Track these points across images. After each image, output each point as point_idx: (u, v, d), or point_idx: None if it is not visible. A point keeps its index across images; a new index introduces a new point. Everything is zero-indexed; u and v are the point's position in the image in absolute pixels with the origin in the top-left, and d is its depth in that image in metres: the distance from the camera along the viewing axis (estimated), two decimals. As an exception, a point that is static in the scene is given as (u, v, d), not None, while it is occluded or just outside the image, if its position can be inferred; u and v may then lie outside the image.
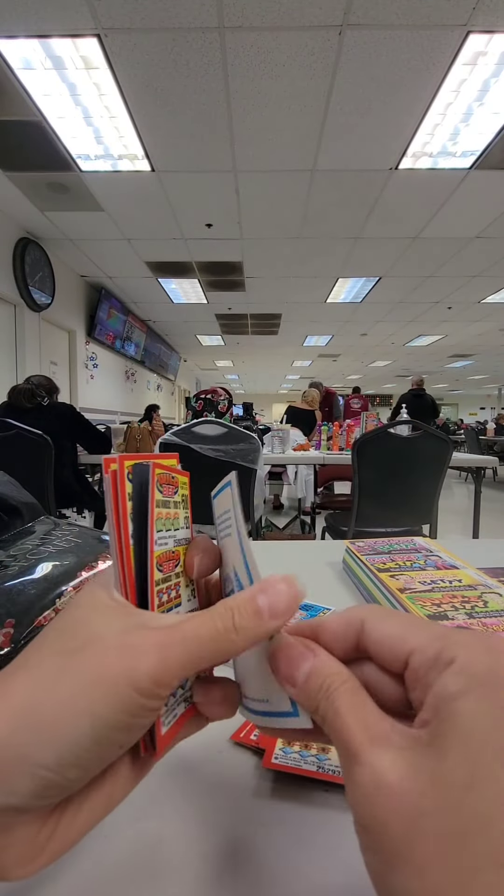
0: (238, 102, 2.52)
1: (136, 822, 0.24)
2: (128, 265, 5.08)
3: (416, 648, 0.16)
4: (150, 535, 0.20)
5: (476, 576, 0.48)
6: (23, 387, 2.50)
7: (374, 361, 11.42)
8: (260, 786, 0.27)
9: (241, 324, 7.68)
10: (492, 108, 2.56)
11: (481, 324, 7.40)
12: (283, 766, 0.27)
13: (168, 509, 0.21)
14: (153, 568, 0.19)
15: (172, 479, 0.22)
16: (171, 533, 0.21)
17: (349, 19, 2.01)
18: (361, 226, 4.03)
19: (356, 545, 0.62)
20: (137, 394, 8.02)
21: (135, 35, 2.08)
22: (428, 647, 0.16)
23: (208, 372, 14.65)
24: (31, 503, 0.58)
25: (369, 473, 1.89)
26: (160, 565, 0.20)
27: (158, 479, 0.20)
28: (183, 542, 0.23)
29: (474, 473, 2.70)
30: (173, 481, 0.22)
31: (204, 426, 1.80)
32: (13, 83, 2.37)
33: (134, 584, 0.19)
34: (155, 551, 0.20)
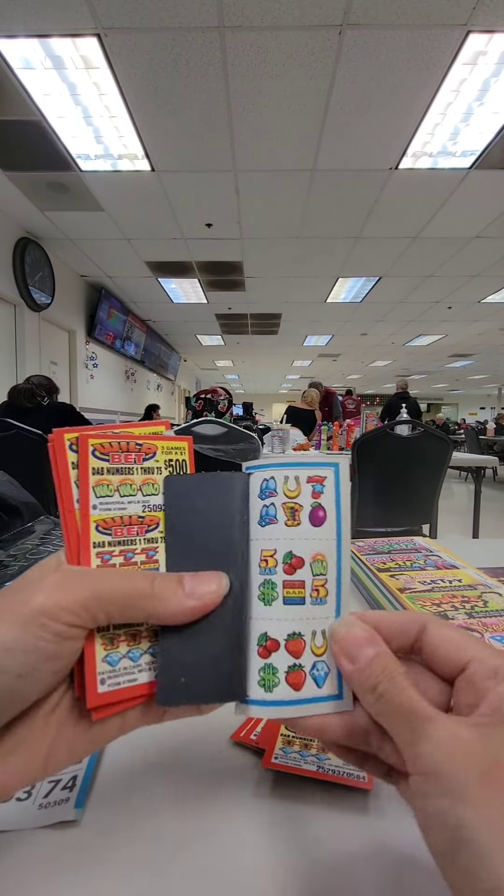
0: (238, 102, 2.52)
1: (136, 822, 0.24)
2: (128, 265, 5.08)
3: (475, 658, 0.19)
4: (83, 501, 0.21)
5: (476, 575, 0.48)
6: (23, 387, 2.50)
7: (374, 361, 11.42)
8: (260, 786, 0.27)
9: (241, 324, 7.68)
10: (492, 108, 2.55)
11: (481, 324, 7.40)
12: (282, 765, 0.27)
13: (126, 476, 0.22)
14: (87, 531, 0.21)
15: (137, 447, 0.22)
16: (135, 498, 0.22)
17: (349, 19, 2.00)
18: (361, 226, 4.03)
19: (356, 545, 0.62)
20: (137, 394, 8.02)
21: (135, 35, 2.08)
22: (488, 660, 0.18)
23: (208, 372, 14.65)
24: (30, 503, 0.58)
25: (369, 473, 1.89)
26: (106, 529, 0.21)
27: (96, 448, 0.21)
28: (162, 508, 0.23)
29: (474, 473, 2.70)
30: (139, 448, 0.22)
31: (204, 426, 1.80)
32: (13, 83, 2.37)
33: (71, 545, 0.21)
34: (93, 515, 0.21)
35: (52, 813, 0.24)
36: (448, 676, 0.19)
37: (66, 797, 0.25)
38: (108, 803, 0.26)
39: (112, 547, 0.21)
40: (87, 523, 0.21)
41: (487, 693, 0.17)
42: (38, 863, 0.22)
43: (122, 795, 0.26)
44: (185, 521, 0.22)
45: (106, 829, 0.24)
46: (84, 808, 0.25)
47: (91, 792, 0.26)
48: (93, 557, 0.21)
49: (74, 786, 0.26)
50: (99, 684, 0.19)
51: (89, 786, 0.26)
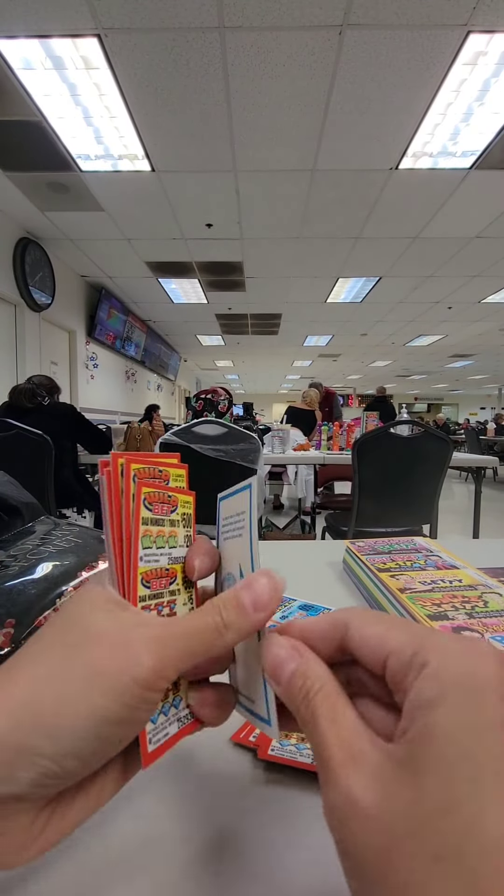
0: (238, 102, 2.52)
1: (135, 820, 0.24)
2: (128, 265, 5.08)
3: (393, 650, 0.16)
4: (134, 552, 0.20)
5: (476, 576, 0.48)
6: (23, 387, 2.50)
7: (375, 361, 11.42)
8: (259, 786, 0.27)
9: (241, 324, 7.68)
10: (492, 108, 2.55)
11: (481, 324, 7.40)
12: (278, 757, 0.28)
13: (161, 527, 0.22)
14: (136, 583, 0.20)
15: (168, 498, 0.22)
16: (164, 551, 0.22)
17: (349, 19, 2.00)
18: (361, 226, 4.03)
19: (356, 545, 0.62)
20: (137, 394, 8.02)
21: (135, 35, 2.08)
22: (404, 649, 0.16)
23: (208, 372, 14.65)
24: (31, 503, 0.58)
25: (369, 473, 1.89)
26: (147, 582, 0.21)
27: (147, 498, 0.21)
28: (181, 561, 0.23)
29: (474, 473, 2.70)
30: (170, 500, 0.22)
31: (204, 426, 1.80)
32: (13, 83, 2.37)
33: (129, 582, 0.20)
34: (140, 567, 0.21)
35: (52, 813, 0.24)
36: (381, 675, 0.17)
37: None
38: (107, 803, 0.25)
39: (150, 601, 0.21)
40: (135, 576, 0.20)
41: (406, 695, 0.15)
42: (38, 863, 0.22)
43: (122, 795, 0.26)
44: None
45: (106, 830, 0.24)
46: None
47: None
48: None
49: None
50: (148, 744, 0.19)
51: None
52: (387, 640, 0.16)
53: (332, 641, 0.18)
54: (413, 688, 0.14)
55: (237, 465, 1.73)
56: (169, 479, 0.23)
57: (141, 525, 0.21)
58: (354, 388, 17.48)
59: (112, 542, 0.21)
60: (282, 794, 0.26)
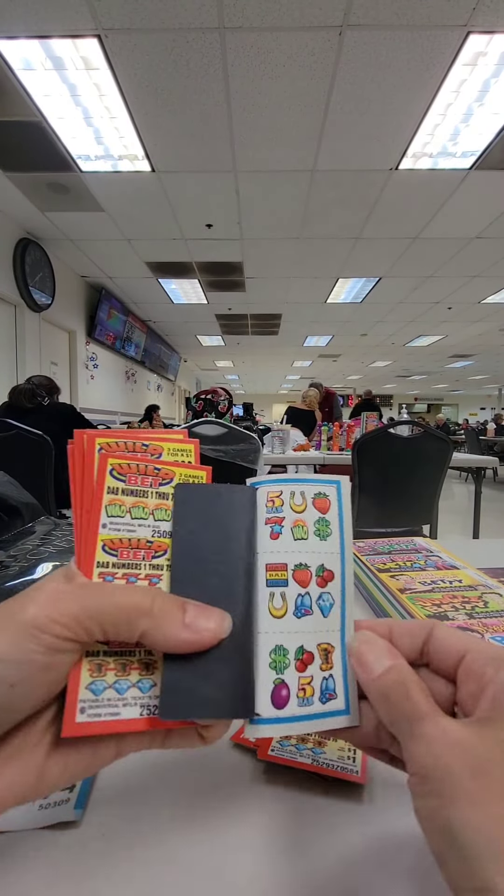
0: (238, 103, 2.52)
1: (136, 822, 0.24)
2: (128, 265, 5.08)
3: (472, 649, 0.20)
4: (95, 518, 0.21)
5: (476, 576, 0.48)
6: (23, 387, 2.50)
7: (375, 362, 11.42)
8: (258, 782, 0.27)
9: (241, 324, 7.68)
10: (492, 109, 2.56)
11: (481, 324, 7.40)
12: (278, 757, 0.28)
13: (141, 498, 0.22)
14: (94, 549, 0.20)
15: (155, 471, 0.22)
16: (148, 522, 0.22)
17: (349, 20, 2.01)
18: (361, 226, 4.03)
19: (356, 545, 0.62)
20: (137, 394, 8.02)
21: (135, 35, 2.08)
22: (484, 650, 0.19)
23: (208, 372, 14.65)
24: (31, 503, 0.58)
25: (369, 474, 1.89)
26: (112, 549, 0.21)
27: (115, 469, 0.22)
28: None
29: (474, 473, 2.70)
30: (157, 473, 0.22)
31: (204, 426, 1.80)
32: (13, 83, 2.37)
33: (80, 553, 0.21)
34: (102, 534, 0.21)
35: (52, 813, 0.24)
36: (450, 672, 0.20)
37: (67, 798, 0.25)
38: (108, 804, 0.26)
39: (115, 569, 0.21)
40: (94, 541, 0.21)
41: (487, 681, 0.18)
42: (38, 864, 0.22)
43: (123, 796, 0.26)
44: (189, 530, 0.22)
45: (106, 830, 0.24)
46: (84, 809, 0.25)
47: (91, 793, 0.26)
48: (94, 576, 0.20)
49: (74, 786, 0.26)
50: (78, 713, 0.18)
51: (90, 787, 0.26)
52: (466, 642, 0.20)
53: (416, 641, 0.21)
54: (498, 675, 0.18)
55: (237, 465, 1.73)
56: (162, 453, 0.23)
57: (106, 494, 0.21)
58: (354, 389, 17.47)
59: (74, 508, 0.21)
60: (281, 793, 0.26)
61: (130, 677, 0.20)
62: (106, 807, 0.25)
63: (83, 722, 0.18)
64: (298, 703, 0.21)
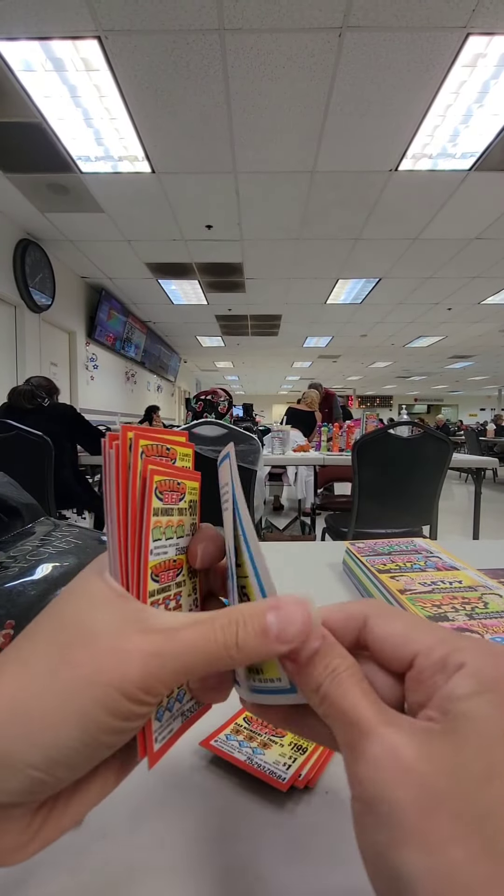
0: (238, 104, 2.52)
1: (135, 823, 0.24)
2: (128, 266, 5.08)
3: (421, 651, 0.16)
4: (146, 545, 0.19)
5: (476, 577, 0.48)
6: (23, 388, 2.51)
7: (375, 362, 11.42)
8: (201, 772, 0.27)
9: (241, 325, 7.68)
10: (491, 110, 2.56)
11: (481, 325, 7.41)
12: (216, 749, 0.29)
13: (170, 517, 0.20)
14: (146, 579, 0.19)
15: (178, 486, 0.21)
16: (172, 541, 0.21)
17: (349, 21, 2.01)
18: (361, 227, 4.04)
19: (356, 546, 0.62)
20: (137, 395, 8.02)
21: (135, 37, 2.09)
22: (434, 651, 0.16)
23: (208, 373, 14.65)
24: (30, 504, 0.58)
25: (369, 474, 1.89)
26: (156, 576, 0.19)
27: (158, 487, 0.19)
28: (186, 550, 0.22)
29: (474, 474, 2.70)
30: (179, 487, 0.21)
31: (204, 427, 1.80)
32: (13, 85, 2.37)
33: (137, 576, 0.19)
34: (150, 561, 0.19)
35: (52, 815, 0.24)
36: (399, 674, 0.17)
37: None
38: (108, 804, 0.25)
39: (158, 595, 0.20)
40: (145, 570, 0.19)
41: (435, 691, 0.15)
42: (38, 864, 0.22)
43: (123, 796, 0.26)
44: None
45: (106, 831, 0.24)
46: (84, 810, 0.25)
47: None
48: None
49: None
50: (155, 744, 0.19)
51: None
52: (412, 639, 0.17)
53: (347, 633, 0.18)
54: (448, 684, 0.15)
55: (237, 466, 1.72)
56: (176, 458, 0.22)
57: (152, 517, 0.19)
58: (354, 390, 17.48)
59: (117, 528, 0.18)
60: (220, 783, 0.26)
61: (173, 694, 0.20)
62: (106, 806, 0.25)
63: (159, 749, 0.19)
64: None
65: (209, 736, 0.30)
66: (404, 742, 0.14)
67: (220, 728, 0.31)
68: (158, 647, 0.16)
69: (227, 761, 0.28)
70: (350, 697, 0.16)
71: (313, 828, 0.24)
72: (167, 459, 0.21)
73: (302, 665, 0.17)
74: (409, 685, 0.16)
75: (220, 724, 0.31)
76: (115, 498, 0.18)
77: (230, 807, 0.25)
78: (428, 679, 0.15)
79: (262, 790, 0.26)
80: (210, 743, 0.29)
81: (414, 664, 0.16)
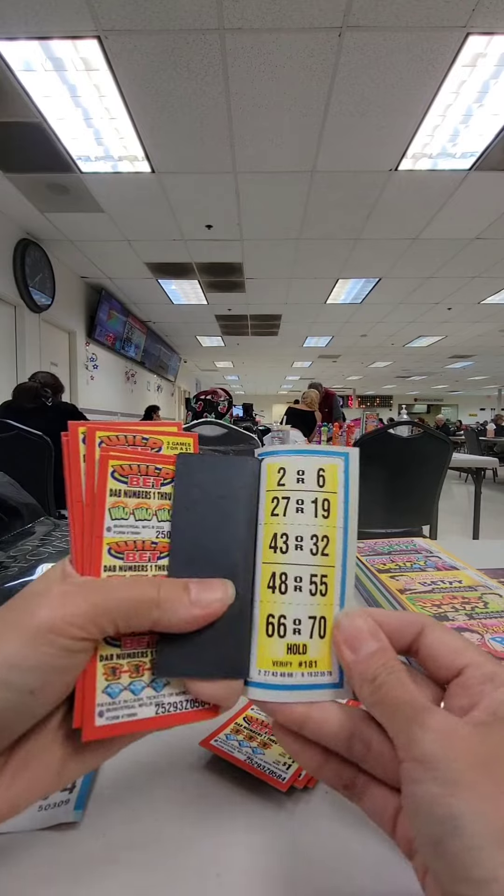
0: (238, 104, 2.52)
1: (135, 823, 0.24)
2: (128, 266, 5.08)
3: (472, 663, 0.19)
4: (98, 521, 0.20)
5: (476, 577, 0.48)
6: (28, 385, 2.50)
7: (374, 362, 11.42)
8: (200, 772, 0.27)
9: (241, 325, 7.68)
10: (491, 110, 2.56)
11: (481, 325, 7.41)
12: (216, 748, 0.29)
13: (143, 500, 0.21)
14: (100, 553, 0.20)
15: (155, 471, 0.22)
16: (152, 524, 0.21)
17: (349, 21, 2.01)
18: (361, 227, 4.04)
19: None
20: (137, 395, 8.02)
21: (135, 37, 2.08)
22: (484, 665, 0.19)
23: (208, 373, 14.65)
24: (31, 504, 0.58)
25: (369, 474, 1.89)
26: (118, 553, 0.20)
27: (117, 470, 0.21)
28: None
29: (474, 474, 2.70)
30: (159, 472, 0.22)
31: (204, 427, 1.80)
32: (13, 85, 2.37)
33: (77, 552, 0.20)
34: (107, 538, 0.20)
35: (52, 815, 0.24)
36: (442, 680, 0.20)
37: (66, 799, 0.25)
38: (108, 804, 0.26)
39: (123, 571, 0.20)
40: (99, 544, 0.20)
41: (483, 697, 0.17)
42: (38, 865, 0.22)
43: (123, 796, 0.26)
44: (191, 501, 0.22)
45: (106, 831, 0.24)
46: (84, 810, 0.25)
47: (91, 793, 0.26)
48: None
49: (74, 788, 0.26)
50: (97, 717, 0.19)
51: (89, 788, 0.26)
52: (465, 653, 0.19)
53: (405, 636, 0.21)
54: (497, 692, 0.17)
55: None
56: (162, 447, 0.23)
57: (109, 497, 0.21)
58: (354, 389, 17.49)
59: (70, 510, 0.21)
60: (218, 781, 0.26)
61: (144, 678, 0.20)
62: (106, 807, 0.25)
63: (102, 725, 0.19)
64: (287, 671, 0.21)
65: (209, 736, 0.30)
66: (460, 723, 0.16)
67: (220, 728, 0.31)
68: (70, 588, 0.19)
69: (227, 761, 0.28)
70: (407, 686, 0.18)
71: (313, 828, 0.24)
72: (147, 448, 0.22)
73: (362, 658, 0.19)
74: (455, 691, 0.19)
75: (220, 724, 0.31)
76: (68, 483, 0.21)
77: (230, 807, 0.25)
78: (475, 687, 0.18)
79: (262, 790, 0.26)
80: (210, 743, 0.29)
81: (463, 672, 0.19)
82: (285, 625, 0.21)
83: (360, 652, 0.19)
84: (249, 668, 0.21)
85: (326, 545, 0.22)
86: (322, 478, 0.23)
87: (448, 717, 0.17)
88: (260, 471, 0.23)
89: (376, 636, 0.20)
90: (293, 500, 0.22)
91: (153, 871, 0.22)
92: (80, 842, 0.23)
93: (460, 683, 0.19)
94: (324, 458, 0.23)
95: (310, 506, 0.22)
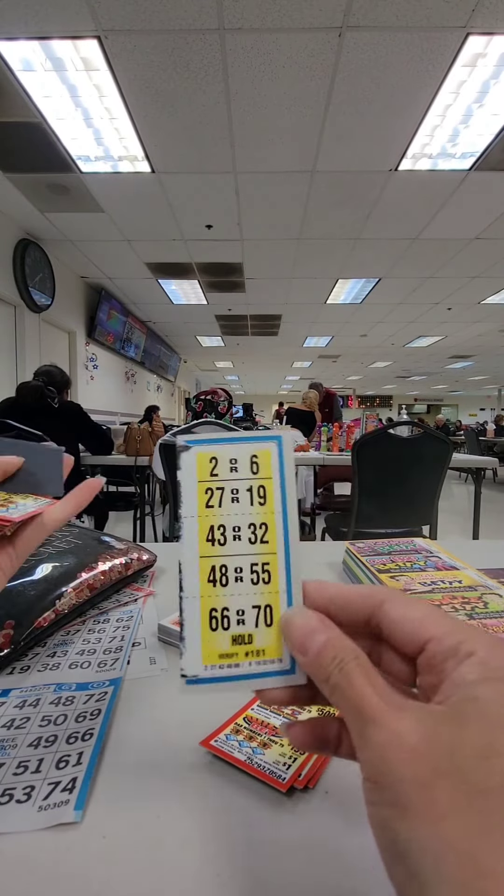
0: (238, 104, 2.52)
1: (135, 823, 0.24)
2: (128, 266, 5.08)
3: (434, 637, 0.17)
4: None
5: (476, 577, 0.48)
6: (32, 384, 2.49)
7: (374, 362, 11.43)
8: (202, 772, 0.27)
9: (241, 325, 7.68)
10: (491, 110, 2.56)
11: (481, 325, 7.41)
12: (216, 748, 0.29)
13: None
14: None
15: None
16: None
17: (349, 21, 2.01)
18: (361, 227, 4.04)
19: (356, 546, 0.62)
20: (137, 395, 8.02)
21: (135, 37, 2.09)
22: (447, 638, 0.17)
23: (208, 373, 14.65)
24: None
25: (369, 474, 1.89)
26: None
27: None
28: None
29: (474, 474, 2.70)
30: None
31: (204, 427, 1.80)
32: (13, 85, 2.37)
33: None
34: None
35: (51, 815, 0.24)
36: (411, 656, 0.18)
37: (66, 799, 0.25)
38: (108, 804, 0.25)
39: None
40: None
41: (445, 677, 0.16)
42: (38, 865, 0.22)
43: (123, 796, 0.26)
44: None
45: (106, 831, 0.24)
46: (84, 810, 0.25)
47: (91, 793, 0.26)
48: None
49: (74, 788, 0.26)
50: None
51: (89, 788, 0.26)
52: (426, 625, 0.18)
53: (362, 612, 0.20)
54: (457, 670, 0.16)
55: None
56: None
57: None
58: (354, 389, 17.49)
59: None
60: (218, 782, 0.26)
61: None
62: (106, 807, 0.25)
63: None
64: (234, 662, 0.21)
65: (209, 736, 0.30)
66: (408, 727, 0.15)
67: (219, 728, 0.31)
68: None
69: (227, 761, 0.28)
70: (357, 687, 0.16)
71: (313, 828, 0.24)
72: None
73: (313, 657, 0.18)
74: (421, 668, 0.18)
75: (219, 724, 0.31)
76: None
77: (230, 807, 0.25)
78: (439, 664, 0.17)
79: (262, 790, 0.26)
80: (210, 743, 0.29)
81: (426, 648, 0.17)
82: (228, 617, 0.21)
83: (309, 651, 0.18)
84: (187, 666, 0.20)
85: (266, 532, 0.22)
86: (256, 464, 0.22)
87: (392, 725, 0.15)
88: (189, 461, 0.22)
89: (323, 623, 0.19)
90: (227, 490, 0.22)
91: (153, 871, 0.22)
92: (80, 842, 0.23)
93: (425, 661, 0.17)
94: (256, 444, 0.23)
95: (245, 494, 0.22)
